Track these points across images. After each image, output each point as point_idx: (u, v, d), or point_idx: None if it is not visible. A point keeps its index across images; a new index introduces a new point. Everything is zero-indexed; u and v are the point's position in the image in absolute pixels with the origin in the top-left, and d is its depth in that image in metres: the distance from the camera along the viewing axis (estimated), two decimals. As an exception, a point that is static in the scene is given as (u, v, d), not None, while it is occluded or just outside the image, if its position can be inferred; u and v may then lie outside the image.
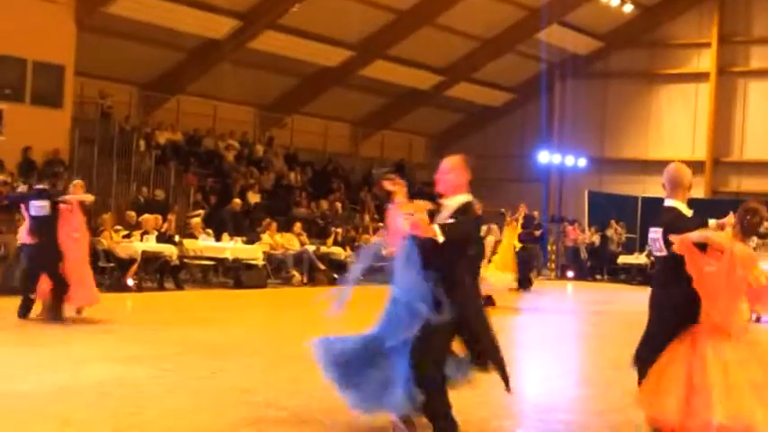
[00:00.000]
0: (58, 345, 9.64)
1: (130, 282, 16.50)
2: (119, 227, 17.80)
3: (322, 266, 20.37)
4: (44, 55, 20.91)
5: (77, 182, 12.28)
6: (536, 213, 24.22)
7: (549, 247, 28.16)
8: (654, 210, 6.59)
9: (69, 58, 21.32)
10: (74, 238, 11.50)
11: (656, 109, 30.85)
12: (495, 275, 16.42)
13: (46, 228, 11.39)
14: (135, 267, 16.65)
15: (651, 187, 25.81)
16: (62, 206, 11.44)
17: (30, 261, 11.68)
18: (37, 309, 11.56)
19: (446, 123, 33.61)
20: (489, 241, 17.62)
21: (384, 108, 31.10)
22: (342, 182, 27.91)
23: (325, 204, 25.33)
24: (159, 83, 25.19)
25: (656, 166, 19.54)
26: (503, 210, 19.57)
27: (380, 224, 23.48)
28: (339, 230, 22.48)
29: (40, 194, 11.52)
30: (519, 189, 28.62)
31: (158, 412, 6.59)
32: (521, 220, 19.11)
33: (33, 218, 11.49)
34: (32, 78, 21.05)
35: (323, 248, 21.15)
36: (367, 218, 25.23)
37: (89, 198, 12.18)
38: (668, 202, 6.16)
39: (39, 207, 11.42)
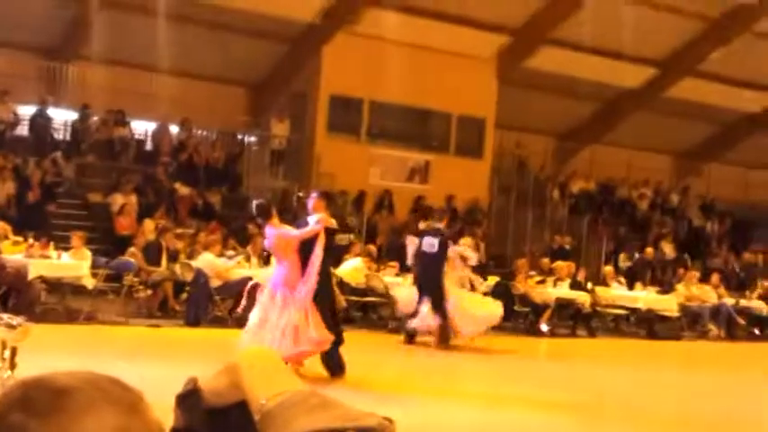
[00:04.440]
0: (474, 381, 10.16)
1: (544, 327, 16.91)
2: (533, 272, 18.34)
3: (741, 321, 19.38)
4: (467, 109, 22.33)
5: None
6: None
7: None
8: None
9: (490, 111, 22.55)
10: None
11: None
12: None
13: None
14: (549, 313, 17.06)
15: None
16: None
17: None
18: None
19: None
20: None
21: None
22: (766, 232, 26.36)
23: (747, 256, 24.05)
24: (574, 133, 25.66)
25: None
26: None
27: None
28: (766, 284, 21.18)
29: None
30: None
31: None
32: None
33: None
34: (456, 131, 22.59)
35: (742, 302, 20.09)
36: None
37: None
38: None
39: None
